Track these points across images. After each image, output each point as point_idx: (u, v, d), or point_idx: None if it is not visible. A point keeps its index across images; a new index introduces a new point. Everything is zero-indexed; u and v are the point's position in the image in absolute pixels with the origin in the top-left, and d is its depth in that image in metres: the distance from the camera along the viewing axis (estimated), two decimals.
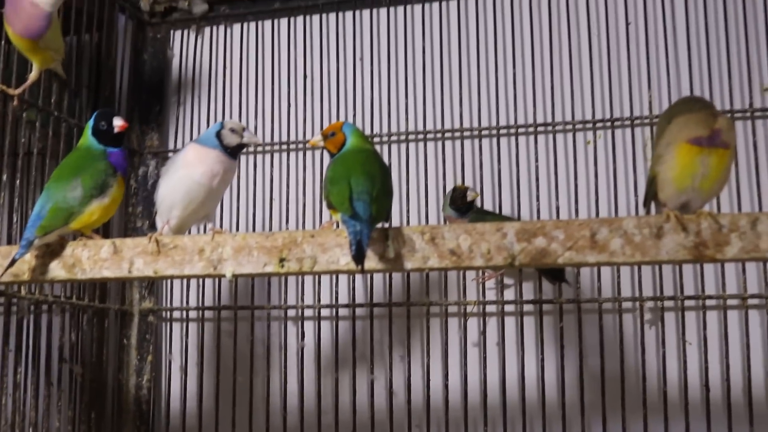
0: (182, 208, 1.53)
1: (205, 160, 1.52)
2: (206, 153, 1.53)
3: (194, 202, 1.52)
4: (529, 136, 1.98)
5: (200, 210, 1.55)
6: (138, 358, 2.12)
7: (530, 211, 1.94)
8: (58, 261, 1.47)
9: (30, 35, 1.67)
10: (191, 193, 1.52)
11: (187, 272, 1.39)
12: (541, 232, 1.26)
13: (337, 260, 1.32)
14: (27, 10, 1.65)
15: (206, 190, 1.52)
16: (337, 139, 1.45)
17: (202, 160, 1.52)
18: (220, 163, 1.52)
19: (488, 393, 1.87)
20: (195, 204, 1.53)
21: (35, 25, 1.66)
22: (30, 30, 1.67)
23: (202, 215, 1.57)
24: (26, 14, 1.65)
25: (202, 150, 1.53)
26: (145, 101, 2.22)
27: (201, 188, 1.52)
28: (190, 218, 1.55)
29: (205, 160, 1.52)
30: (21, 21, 1.66)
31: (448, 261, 1.29)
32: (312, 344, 2.01)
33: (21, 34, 1.67)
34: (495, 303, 1.90)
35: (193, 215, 1.55)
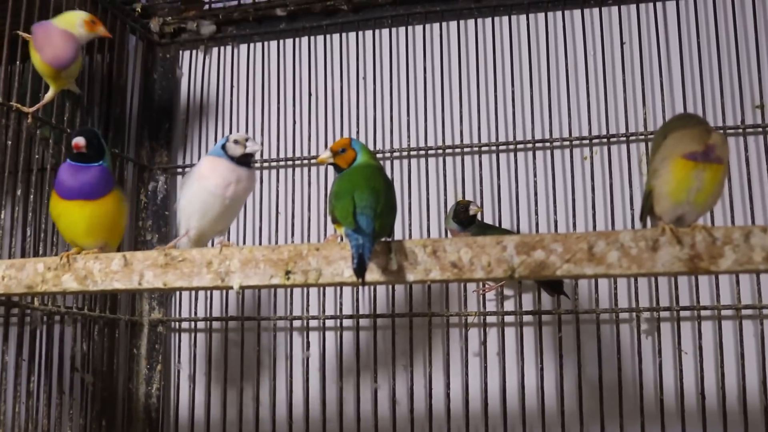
0: (199, 219, 1.53)
1: (216, 171, 1.52)
2: (218, 164, 1.53)
3: (210, 213, 1.52)
4: (528, 152, 1.98)
5: (219, 220, 1.54)
6: (147, 368, 2.11)
7: (529, 224, 1.94)
8: (71, 273, 1.47)
9: (59, 65, 1.67)
10: (206, 203, 1.52)
11: (195, 284, 1.39)
12: (540, 245, 1.25)
13: (342, 273, 1.31)
14: (59, 40, 1.65)
15: (221, 200, 1.52)
16: (348, 155, 1.44)
17: (215, 171, 1.52)
18: (232, 172, 1.52)
19: (489, 401, 1.86)
20: (212, 214, 1.52)
21: (65, 56, 1.66)
22: (59, 60, 1.66)
23: (221, 226, 1.56)
24: (58, 45, 1.65)
25: (215, 161, 1.53)
26: (155, 119, 2.22)
27: (216, 199, 1.52)
28: (209, 229, 1.55)
29: (216, 170, 1.52)
30: (52, 50, 1.65)
31: (449, 273, 1.28)
32: (317, 354, 2.00)
33: (49, 62, 1.66)
34: (495, 314, 1.89)
35: (211, 226, 1.54)
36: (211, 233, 1.56)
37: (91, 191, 1.49)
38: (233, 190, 1.52)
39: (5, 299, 1.68)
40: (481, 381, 1.87)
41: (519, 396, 1.85)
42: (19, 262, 1.52)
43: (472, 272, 1.28)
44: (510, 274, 1.26)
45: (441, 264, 1.28)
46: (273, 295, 2.04)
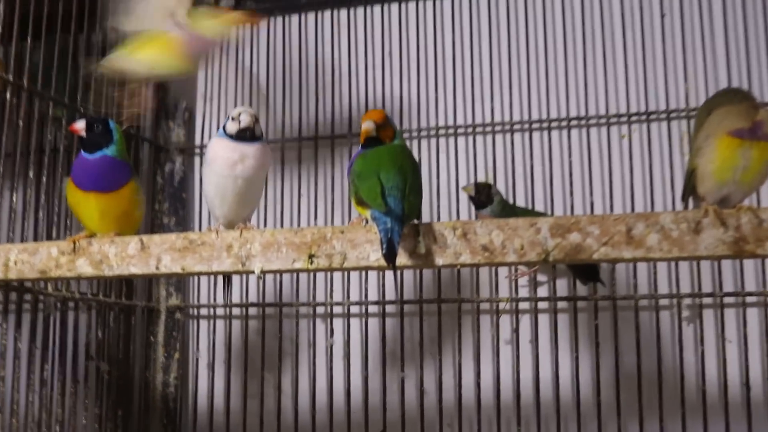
0: (220, 205, 1.54)
1: (219, 153, 1.52)
2: (220, 145, 1.53)
3: (228, 197, 1.52)
4: (562, 131, 1.96)
5: (240, 204, 1.53)
6: (165, 356, 2.12)
7: (564, 206, 1.93)
8: (86, 258, 1.48)
9: None
10: (220, 188, 1.52)
11: (215, 269, 1.39)
12: (576, 227, 1.25)
13: (367, 256, 1.32)
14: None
15: (232, 181, 1.51)
16: (388, 131, 1.41)
17: (218, 153, 1.52)
18: (234, 151, 1.51)
19: (521, 392, 1.86)
20: (230, 198, 1.52)
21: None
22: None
23: (245, 209, 1.55)
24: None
25: (217, 143, 1.54)
26: (172, 97, 2.23)
27: (227, 180, 1.52)
28: (233, 214, 1.55)
29: (219, 152, 1.52)
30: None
31: (480, 257, 1.28)
32: (341, 342, 2.01)
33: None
34: (528, 300, 1.89)
35: (235, 211, 1.54)
36: (237, 218, 1.55)
37: (104, 184, 1.50)
38: (241, 169, 1.51)
39: (18, 285, 1.69)
40: (513, 370, 1.87)
41: (553, 386, 1.85)
42: (32, 246, 1.53)
43: (504, 256, 1.27)
44: (544, 258, 1.25)
45: (471, 247, 1.28)
46: (295, 281, 2.05)
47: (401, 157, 1.36)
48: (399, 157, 1.36)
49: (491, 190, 1.80)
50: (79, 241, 1.48)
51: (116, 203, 1.51)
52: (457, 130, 2.01)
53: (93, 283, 1.94)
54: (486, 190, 1.80)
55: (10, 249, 1.54)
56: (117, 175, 1.51)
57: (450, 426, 1.91)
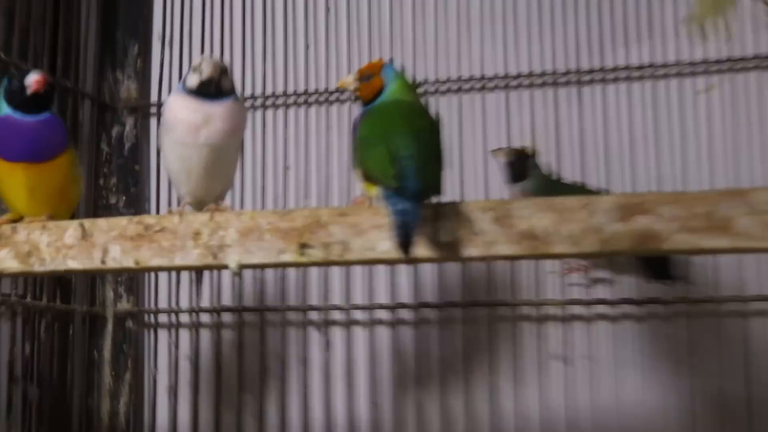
0: (185, 181, 1.53)
1: (180, 115, 1.50)
2: (179, 104, 1.51)
3: (194, 170, 1.51)
4: (621, 84, 1.97)
5: (209, 179, 1.52)
6: (113, 376, 2.14)
7: (623, 181, 1.93)
8: (9, 249, 1.49)
9: None
10: (184, 159, 1.51)
11: (178, 262, 1.39)
12: (644, 208, 1.25)
13: (375, 246, 1.32)
14: None
15: (197, 151, 1.50)
16: (373, 84, 1.42)
17: (178, 116, 1.50)
18: (196, 111, 1.49)
19: (578, 422, 1.87)
20: (196, 172, 1.52)
21: None
22: None
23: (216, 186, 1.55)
24: None
25: (176, 101, 1.52)
26: (120, 40, 2.23)
27: (191, 151, 1.50)
28: (203, 191, 1.54)
29: (180, 114, 1.50)
30: None
31: (521, 247, 1.28)
32: (341, 358, 2.02)
33: None
34: (582, 303, 1.90)
35: (203, 187, 1.53)
36: (207, 197, 1.55)
37: (37, 151, 1.51)
38: (207, 135, 1.49)
39: None
40: (564, 395, 1.88)
41: (616, 414, 1.86)
42: None
43: (552, 245, 1.28)
44: (602, 248, 1.26)
45: (509, 234, 1.28)
46: (281, 278, 2.06)
47: (417, 117, 1.36)
48: (414, 117, 1.36)
49: (529, 159, 1.81)
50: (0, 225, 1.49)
51: (50, 177, 1.51)
52: (487, 83, 2.01)
53: (18, 281, 1.95)
54: (523, 159, 1.81)
55: None
56: (53, 140, 1.52)
57: None
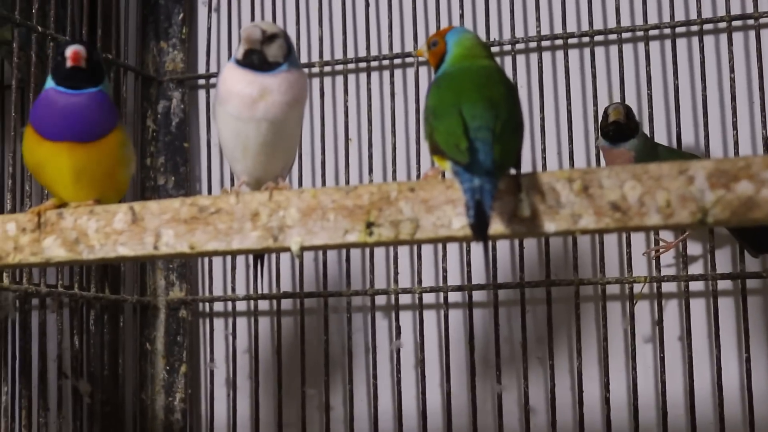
0: (242, 159, 1.54)
1: (234, 89, 1.51)
2: (233, 76, 1.52)
3: (251, 147, 1.52)
4: (720, 35, 1.95)
5: (268, 155, 1.53)
6: (167, 369, 2.16)
7: (723, 144, 1.92)
8: (56, 236, 1.50)
9: None
10: (240, 137, 1.52)
11: (236, 246, 1.40)
12: (746, 173, 1.24)
13: (449, 223, 1.32)
14: None
15: (256, 127, 1.51)
16: (438, 50, 1.44)
17: (231, 87, 1.51)
18: (251, 84, 1.49)
19: (669, 410, 1.86)
20: (253, 148, 1.52)
21: None
22: None
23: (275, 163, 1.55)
24: None
25: (230, 72, 1.52)
26: (163, 7, 2.25)
27: (248, 126, 1.51)
28: (261, 169, 1.54)
29: (232, 87, 1.51)
30: None
31: (608, 219, 1.27)
32: (411, 344, 2.03)
33: None
34: (676, 280, 1.88)
35: (262, 164, 1.54)
36: (266, 175, 1.55)
37: (83, 130, 1.52)
38: (264, 109, 1.49)
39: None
40: (656, 379, 1.87)
41: (714, 399, 1.85)
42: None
43: (643, 217, 1.27)
44: (701, 219, 1.25)
45: (596, 206, 1.28)
46: (346, 260, 2.07)
47: (491, 82, 1.36)
48: (488, 82, 1.36)
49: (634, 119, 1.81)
50: (45, 212, 1.50)
51: (97, 158, 1.52)
52: (567, 40, 2.00)
53: (65, 271, 1.97)
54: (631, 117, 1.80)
55: None
56: (100, 117, 1.52)
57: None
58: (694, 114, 1.94)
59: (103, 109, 1.52)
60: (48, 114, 1.51)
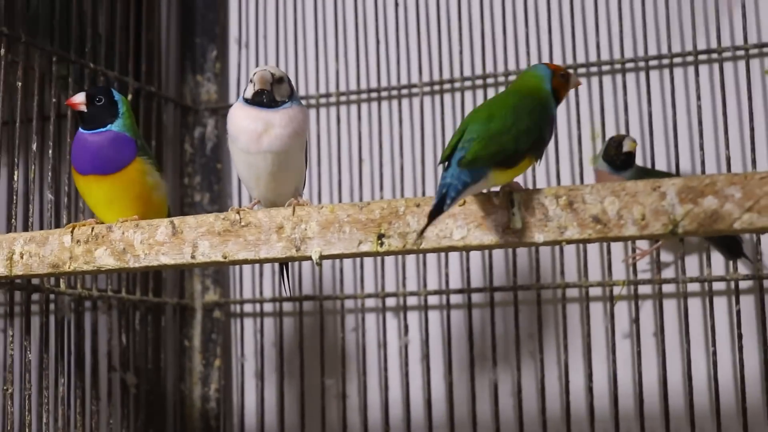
0: (255, 186, 1.56)
1: (241, 125, 1.53)
2: (240, 114, 1.55)
3: (262, 177, 1.54)
4: (688, 67, 1.95)
5: (278, 181, 1.55)
6: (203, 363, 2.17)
7: (692, 163, 1.91)
8: (105, 247, 1.52)
9: None
10: (251, 167, 1.54)
11: (263, 255, 1.41)
12: (712, 189, 1.24)
13: (450, 234, 1.32)
14: None
15: (263, 158, 1.52)
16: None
17: (239, 126, 1.54)
18: (256, 120, 1.52)
19: (645, 398, 1.86)
20: (265, 178, 1.54)
21: None
22: None
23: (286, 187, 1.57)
24: None
25: (238, 111, 1.55)
26: (199, 45, 2.25)
27: (256, 158, 1.53)
28: (274, 193, 1.56)
29: (241, 124, 1.54)
30: None
31: (591, 231, 1.28)
32: (418, 340, 2.03)
33: None
34: (650, 283, 1.88)
35: (273, 189, 1.56)
36: (279, 198, 1.56)
37: (102, 165, 1.56)
38: (268, 142, 1.51)
39: (25, 282, 1.74)
40: (633, 371, 1.87)
41: (685, 390, 1.85)
42: (41, 234, 1.57)
43: (621, 228, 1.27)
44: (671, 230, 1.25)
45: (579, 219, 1.28)
46: (359, 267, 2.07)
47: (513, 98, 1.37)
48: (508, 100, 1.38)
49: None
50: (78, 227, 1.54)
51: (121, 186, 1.57)
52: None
53: (113, 278, 1.98)
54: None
55: (14, 239, 1.58)
56: (116, 153, 1.57)
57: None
58: (666, 137, 1.94)
59: (118, 146, 1.57)
60: (76, 152, 1.60)
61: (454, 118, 2.05)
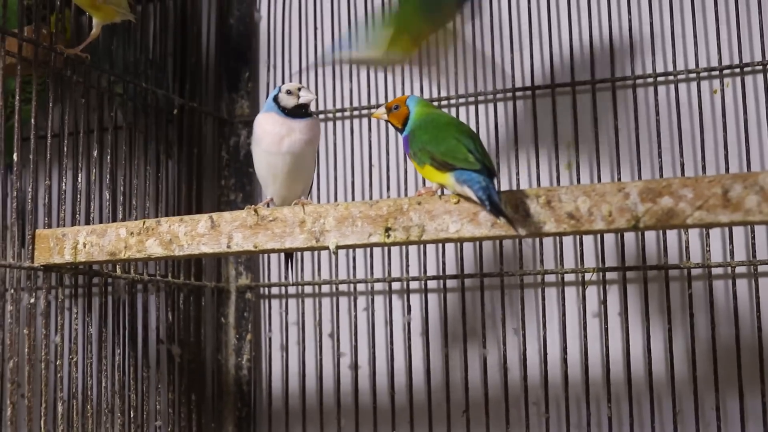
0: (272, 184, 1.59)
1: (266, 129, 1.57)
2: (267, 120, 1.58)
3: (279, 175, 1.57)
4: (648, 88, 1.95)
5: (292, 181, 1.58)
6: (237, 337, 2.17)
7: (652, 168, 1.91)
8: (155, 238, 1.53)
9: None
10: (271, 166, 1.57)
11: (288, 245, 1.42)
12: (668, 190, 1.24)
13: (447, 228, 1.33)
14: None
15: (282, 158, 1.56)
16: (400, 112, 1.49)
17: (266, 129, 1.57)
18: (282, 125, 1.56)
19: (611, 367, 1.86)
20: (281, 176, 1.57)
21: None
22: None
23: (297, 186, 1.59)
24: None
25: (265, 118, 1.59)
26: (233, 67, 2.26)
27: (276, 158, 1.56)
28: (287, 191, 1.59)
29: (266, 128, 1.57)
30: None
31: (566, 225, 1.29)
32: (419, 318, 2.03)
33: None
34: (617, 270, 1.88)
35: (287, 188, 1.58)
36: (291, 195, 1.59)
37: None
38: (288, 144, 1.55)
39: (87, 268, 1.75)
40: (602, 345, 1.87)
41: (645, 361, 1.85)
42: (101, 227, 1.58)
43: (592, 223, 1.28)
44: (634, 225, 1.26)
45: (556, 215, 1.29)
46: (369, 256, 2.08)
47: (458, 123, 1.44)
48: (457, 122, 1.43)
49: None
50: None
51: None
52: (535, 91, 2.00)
53: (160, 263, 1.99)
54: None
55: (78, 231, 1.60)
56: None
57: (536, 404, 1.93)
58: (630, 146, 1.94)
59: None
60: None
61: None
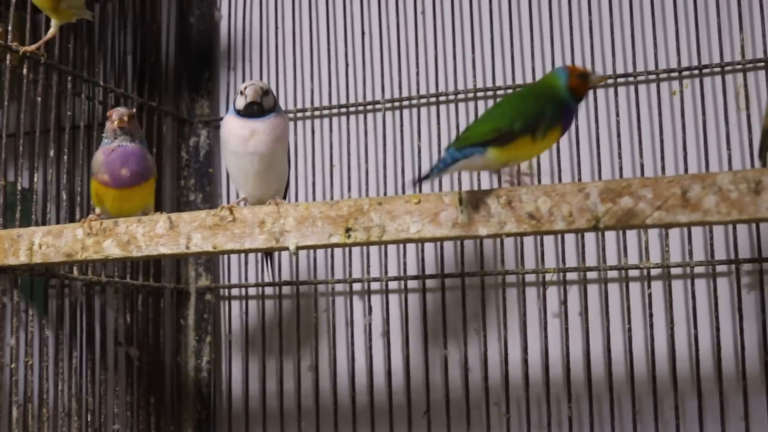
0: (244, 184, 1.60)
1: (233, 131, 1.58)
2: (230, 123, 1.59)
3: (250, 175, 1.58)
4: (609, 89, 1.95)
5: (263, 180, 1.58)
6: (196, 339, 2.15)
7: (612, 169, 1.92)
8: (112, 239, 1.51)
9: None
10: (240, 167, 1.58)
11: (247, 246, 1.41)
12: (627, 191, 1.25)
13: (407, 228, 1.33)
14: None
15: (250, 159, 1.57)
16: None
17: (231, 131, 1.59)
18: (243, 128, 1.57)
19: (571, 368, 1.87)
20: (252, 176, 1.58)
21: None
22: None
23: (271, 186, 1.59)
24: None
25: (228, 121, 1.60)
26: (194, 67, 2.24)
27: (244, 159, 1.57)
28: (259, 191, 1.60)
29: (231, 130, 1.58)
30: None
31: (526, 225, 1.29)
32: (380, 319, 2.02)
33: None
34: (576, 270, 1.89)
35: (259, 187, 1.59)
36: (264, 195, 1.60)
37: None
38: (254, 145, 1.57)
39: (43, 269, 1.72)
40: (562, 345, 1.88)
41: (605, 361, 1.86)
42: (57, 228, 1.56)
43: (552, 224, 1.28)
44: (594, 225, 1.26)
45: (517, 215, 1.29)
46: (330, 257, 2.07)
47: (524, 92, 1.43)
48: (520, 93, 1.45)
49: None
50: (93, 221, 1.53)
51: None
52: (496, 92, 2.00)
53: (118, 265, 1.97)
54: None
55: (34, 232, 1.57)
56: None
57: (497, 405, 1.93)
58: (590, 147, 1.94)
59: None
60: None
61: (412, 129, 2.05)
